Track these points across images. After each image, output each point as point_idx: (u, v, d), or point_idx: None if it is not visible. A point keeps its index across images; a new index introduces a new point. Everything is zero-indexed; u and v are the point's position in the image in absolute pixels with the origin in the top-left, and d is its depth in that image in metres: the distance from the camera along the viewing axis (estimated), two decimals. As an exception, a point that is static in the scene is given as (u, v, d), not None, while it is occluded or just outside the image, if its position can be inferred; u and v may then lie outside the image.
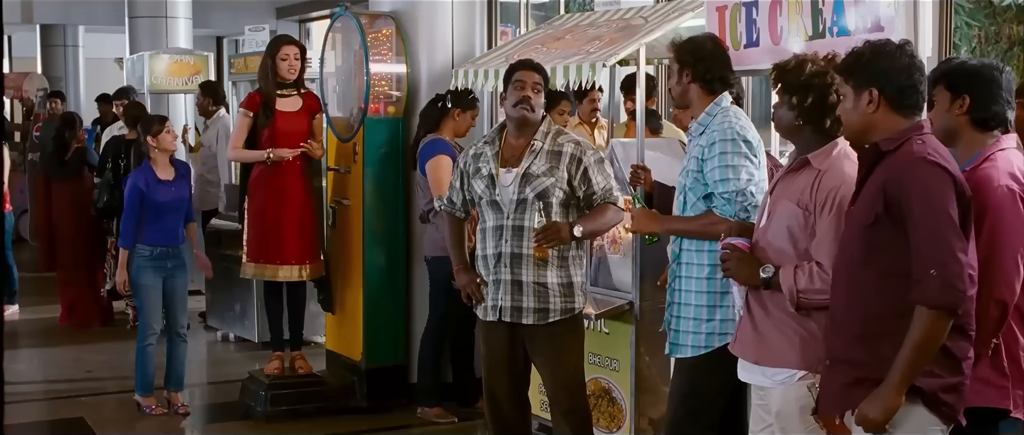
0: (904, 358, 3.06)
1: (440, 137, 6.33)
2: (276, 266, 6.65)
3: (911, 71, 3.21)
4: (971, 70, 3.47)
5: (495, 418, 4.92)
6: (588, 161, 4.69)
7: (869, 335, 3.18)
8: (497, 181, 4.72)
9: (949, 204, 3.05)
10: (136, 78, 11.25)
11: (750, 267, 3.57)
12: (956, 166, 3.15)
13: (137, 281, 6.65)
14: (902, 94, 3.19)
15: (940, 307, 3.02)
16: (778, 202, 3.58)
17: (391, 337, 6.85)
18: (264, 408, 6.61)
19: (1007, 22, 9.45)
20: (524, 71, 4.77)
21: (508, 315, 4.71)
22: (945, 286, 3.01)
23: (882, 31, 4.12)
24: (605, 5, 6.03)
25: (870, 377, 3.14)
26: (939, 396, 3.12)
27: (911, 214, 3.06)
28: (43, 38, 18.81)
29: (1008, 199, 3.34)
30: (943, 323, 3.04)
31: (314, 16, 13.60)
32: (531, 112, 4.69)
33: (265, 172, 6.63)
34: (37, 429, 6.62)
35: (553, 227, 4.59)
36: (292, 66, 6.59)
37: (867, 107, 3.21)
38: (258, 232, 6.69)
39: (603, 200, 4.71)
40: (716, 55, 4.31)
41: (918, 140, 3.15)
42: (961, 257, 3.02)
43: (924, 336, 3.04)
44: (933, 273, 3.02)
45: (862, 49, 3.27)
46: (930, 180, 3.07)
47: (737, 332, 3.77)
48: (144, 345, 6.66)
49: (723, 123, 4.18)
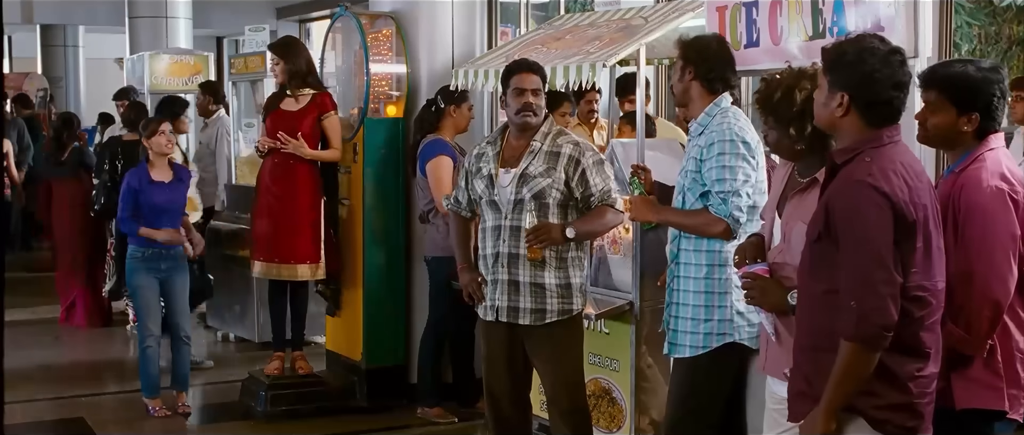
0: (830, 384, 3.03)
1: (440, 137, 6.33)
2: (278, 265, 6.62)
3: (889, 85, 3.07)
4: (975, 85, 3.37)
5: (495, 418, 4.92)
6: (586, 162, 4.68)
7: (814, 347, 3.14)
8: (496, 181, 4.73)
9: (878, 232, 2.95)
10: (136, 78, 11.25)
11: (776, 294, 3.46)
12: (905, 184, 3.00)
13: (131, 282, 6.65)
14: (870, 107, 3.08)
15: (856, 340, 2.97)
16: (792, 224, 3.50)
17: (391, 337, 6.86)
18: (264, 408, 6.61)
19: (1007, 22, 9.46)
20: (522, 75, 4.74)
21: (505, 315, 4.72)
22: (862, 320, 2.95)
23: (882, 31, 4.12)
24: (605, 5, 6.03)
25: (810, 393, 3.12)
26: (881, 415, 3.06)
27: (841, 241, 3.01)
28: (43, 38, 18.83)
29: (998, 199, 3.31)
30: (863, 355, 2.98)
31: (314, 16, 13.58)
32: (534, 117, 4.70)
33: (266, 171, 6.63)
34: (37, 429, 6.62)
35: (544, 227, 4.60)
36: (275, 74, 6.66)
37: (836, 109, 3.11)
38: (255, 230, 6.68)
39: (601, 202, 4.70)
40: (720, 55, 4.31)
41: (867, 157, 3.04)
42: (883, 289, 2.94)
43: (844, 367, 3.00)
44: (852, 304, 2.97)
45: (848, 47, 3.13)
46: (860, 206, 2.97)
47: (764, 352, 3.71)
48: (144, 347, 6.64)
49: (722, 124, 4.19)
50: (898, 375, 3.05)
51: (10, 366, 4.06)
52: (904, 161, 3.08)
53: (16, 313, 9.58)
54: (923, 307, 3.03)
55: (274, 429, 6.50)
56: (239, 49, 13.80)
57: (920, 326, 3.04)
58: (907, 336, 3.02)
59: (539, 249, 4.61)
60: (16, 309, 9.70)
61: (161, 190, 6.55)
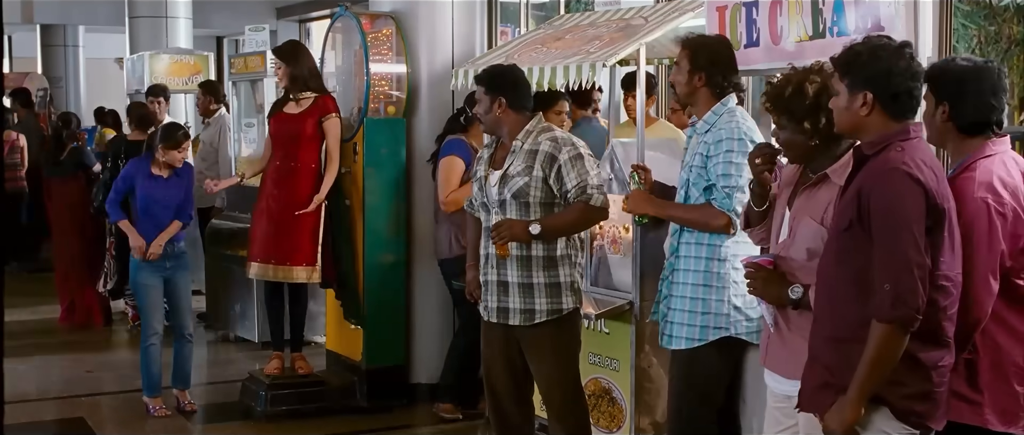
0: (861, 372, 3.06)
1: (459, 138, 6.31)
2: (276, 267, 6.62)
3: (907, 76, 3.17)
4: (955, 74, 3.37)
5: (497, 417, 4.93)
6: (562, 158, 4.64)
7: (839, 339, 3.17)
8: (486, 183, 4.76)
9: (913, 217, 3.01)
10: (136, 78, 11.26)
11: (777, 287, 3.50)
12: (934, 175, 3.09)
13: (135, 280, 6.68)
14: (895, 100, 3.16)
15: (891, 321, 3.01)
16: (800, 220, 3.52)
17: (391, 337, 6.85)
18: (264, 408, 6.62)
19: (1006, 22, 9.44)
20: (476, 85, 4.88)
21: (495, 316, 4.74)
22: (897, 301, 2.99)
23: (882, 31, 4.12)
24: (605, 5, 6.03)
25: (835, 383, 3.15)
26: (905, 405, 3.11)
27: (875, 225, 3.05)
28: (43, 38, 18.82)
29: (981, 212, 3.27)
30: (896, 338, 3.03)
31: (314, 16, 13.61)
32: (484, 125, 4.87)
33: (268, 174, 6.64)
34: (37, 429, 6.62)
35: (505, 223, 4.62)
36: (279, 78, 6.64)
37: (860, 109, 3.18)
38: (253, 231, 6.68)
39: (576, 198, 4.65)
40: (730, 62, 4.38)
41: (899, 146, 3.12)
42: (916, 272, 3.00)
43: (878, 350, 3.04)
44: (887, 287, 3.01)
45: (860, 48, 3.21)
46: (897, 191, 3.04)
47: (766, 346, 3.72)
48: (147, 345, 6.66)
49: (731, 122, 4.26)
50: (923, 363, 3.10)
51: (10, 366, 4.06)
52: (929, 156, 3.17)
53: (16, 313, 9.58)
54: (947, 296, 3.09)
55: (274, 429, 6.50)
56: (239, 49, 13.83)
57: (944, 316, 3.10)
58: (933, 325, 3.07)
59: (504, 246, 4.61)
60: (16, 309, 9.71)
61: (156, 184, 6.56)
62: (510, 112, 4.72)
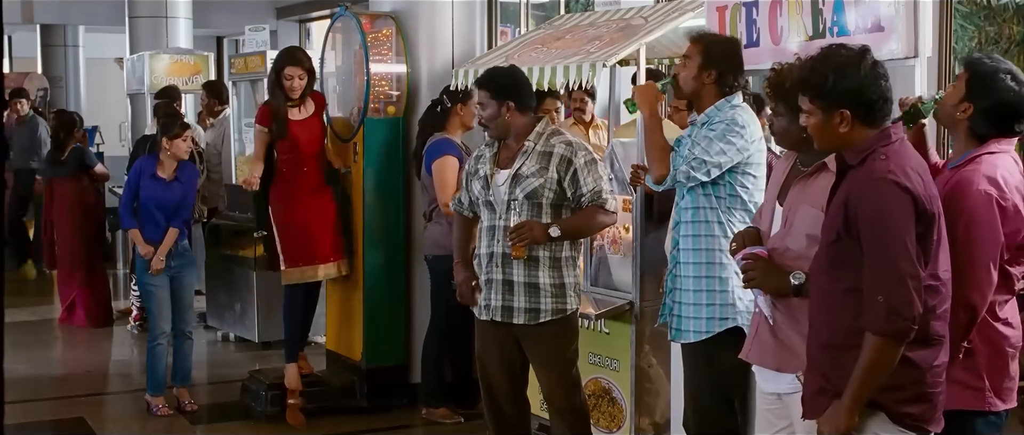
0: (855, 379, 3.06)
1: (447, 137, 6.31)
2: (315, 266, 6.60)
3: (877, 81, 3.13)
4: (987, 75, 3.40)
5: (494, 417, 4.93)
6: (578, 162, 4.68)
7: (833, 346, 3.17)
8: (491, 182, 4.76)
9: (903, 227, 3.00)
10: (136, 78, 11.25)
11: (777, 276, 3.46)
12: (920, 179, 3.07)
13: (142, 280, 6.75)
14: (872, 109, 3.13)
15: (886, 334, 3.01)
16: (796, 209, 3.51)
17: (391, 337, 6.85)
18: (264, 408, 6.61)
19: (1006, 22, 9.44)
20: (478, 90, 4.85)
21: (499, 314, 4.74)
22: (891, 313, 2.99)
23: (882, 31, 4.13)
24: (605, 5, 6.03)
25: (830, 389, 3.15)
26: (901, 409, 3.10)
27: (864, 236, 3.04)
28: (43, 38, 18.81)
29: (985, 204, 3.30)
30: (891, 349, 3.02)
31: (314, 16, 13.60)
32: (492, 130, 4.80)
33: (285, 182, 6.57)
34: (37, 429, 6.62)
35: (526, 225, 4.62)
36: (294, 87, 6.47)
37: (839, 127, 3.15)
38: (291, 239, 6.59)
39: (591, 202, 4.70)
40: (741, 63, 4.41)
41: (882, 154, 3.09)
42: (910, 283, 2.99)
43: (872, 360, 3.03)
44: (880, 299, 3.00)
45: (824, 68, 3.15)
46: (885, 202, 3.02)
47: (752, 341, 3.69)
48: (153, 345, 6.70)
49: (730, 113, 4.30)
50: (918, 365, 3.09)
51: (10, 366, 4.07)
52: (913, 159, 3.15)
53: (16, 313, 9.59)
54: (936, 296, 3.08)
55: (274, 429, 6.50)
56: (239, 49, 13.83)
57: (933, 315, 3.09)
58: (924, 326, 3.06)
59: (522, 247, 4.62)
60: (16, 309, 9.72)
61: (158, 186, 6.59)
62: (518, 115, 4.74)
